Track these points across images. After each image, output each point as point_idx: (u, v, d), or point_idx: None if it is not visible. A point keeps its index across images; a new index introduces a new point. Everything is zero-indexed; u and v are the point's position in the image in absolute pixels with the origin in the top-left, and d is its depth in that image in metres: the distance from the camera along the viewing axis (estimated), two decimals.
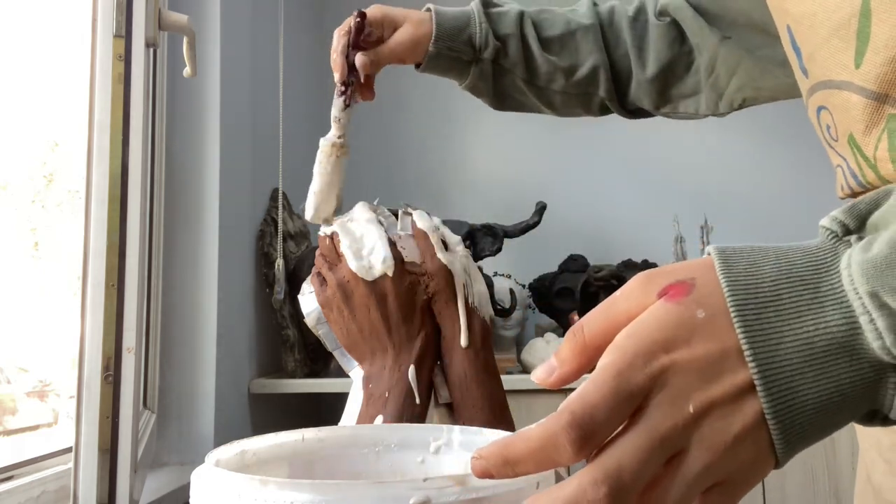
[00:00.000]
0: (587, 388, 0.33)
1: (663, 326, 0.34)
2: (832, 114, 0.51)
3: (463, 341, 0.71)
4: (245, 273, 1.58)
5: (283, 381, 1.61)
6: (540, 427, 0.34)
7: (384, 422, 0.66)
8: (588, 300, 1.79)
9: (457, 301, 0.71)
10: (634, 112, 0.88)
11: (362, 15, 0.78)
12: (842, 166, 0.53)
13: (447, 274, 0.71)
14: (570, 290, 1.85)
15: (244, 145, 1.55)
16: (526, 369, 1.70)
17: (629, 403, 0.33)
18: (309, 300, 0.74)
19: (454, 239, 0.76)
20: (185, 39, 1.07)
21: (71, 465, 0.87)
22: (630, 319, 0.35)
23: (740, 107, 0.84)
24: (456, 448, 0.56)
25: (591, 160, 2.25)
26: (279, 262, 1.57)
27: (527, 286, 1.97)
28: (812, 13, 0.49)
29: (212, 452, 0.47)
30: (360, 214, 0.75)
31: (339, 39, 0.78)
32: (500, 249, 1.73)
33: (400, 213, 0.77)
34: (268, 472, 0.51)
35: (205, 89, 1.41)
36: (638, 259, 1.98)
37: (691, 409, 0.33)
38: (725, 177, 2.20)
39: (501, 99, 0.87)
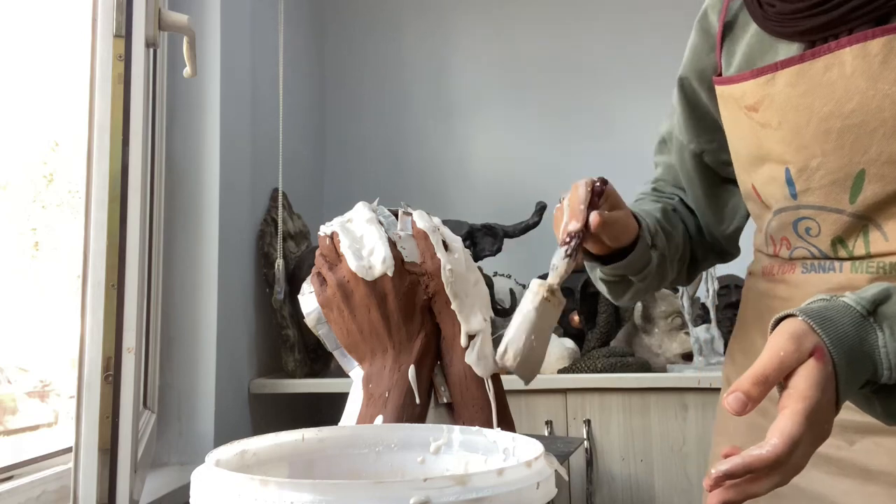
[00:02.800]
0: (792, 429, 0.50)
1: (819, 384, 0.52)
2: (819, 224, 0.76)
3: (463, 341, 0.71)
4: (245, 273, 1.58)
5: (283, 381, 1.61)
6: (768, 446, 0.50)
7: (384, 422, 0.66)
8: (588, 300, 1.79)
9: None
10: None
11: (605, 181, 0.82)
12: (804, 248, 0.79)
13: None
14: (570, 290, 1.84)
15: (244, 145, 1.55)
16: None
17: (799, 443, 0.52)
18: (309, 300, 0.74)
19: (454, 239, 0.76)
20: (185, 39, 1.07)
21: (71, 465, 0.87)
22: (793, 365, 0.53)
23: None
24: (456, 448, 0.56)
25: (591, 160, 2.25)
26: (279, 262, 1.57)
27: (527, 286, 1.96)
28: (815, 169, 0.74)
29: (212, 452, 0.47)
30: (360, 214, 0.75)
31: (584, 190, 0.78)
32: (500, 249, 1.73)
33: (400, 213, 0.77)
34: (268, 472, 0.51)
35: (205, 89, 1.41)
36: None
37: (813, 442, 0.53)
38: None
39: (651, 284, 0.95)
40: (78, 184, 0.96)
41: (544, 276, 0.75)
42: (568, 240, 0.76)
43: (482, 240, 1.72)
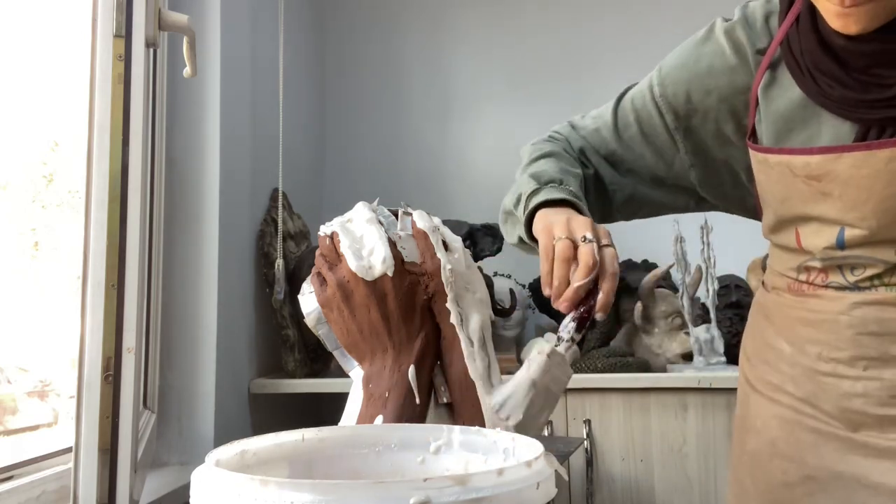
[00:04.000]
0: None
1: None
2: (865, 267, 0.79)
3: (463, 342, 0.71)
4: (245, 273, 1.58)
5: (283, 381, 1.61)
6: None
7: (384, 422, 0.66)
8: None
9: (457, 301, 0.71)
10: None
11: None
12: (845, 280, 0.81)
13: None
14: None
15: (244, 145, 1.55)
16: None
17: None
18: (309, 300, 0.74)
19: (454, 239, 0.76)
20: (185, 39, 1.07)
21: (71, 465, 0.87)
22: None
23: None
24: (456, 448, 0.56)
25: None
26: (279, 262, 1.57)
27: (527, 286, 1.97)
28: (870, 234, 0.78)
29: (212, 452, 0.47)
30: (360, 214, 0.75)
31: (593, 259, 0.72)
32: (500, 249, 1.73)
33: (400, 213, 0.76)
34: (268, 472, 0.51)
35: (205, 89, 1.41)
36: (638, 259, 1.97)
37: None
38: None
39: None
40: (78, 184, 0.96)
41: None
42: (585, 314, 0.73)
43: (482, 240, 1.72)
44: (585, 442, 1.54)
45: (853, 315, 0.79)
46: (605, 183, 0.98)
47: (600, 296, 0.72)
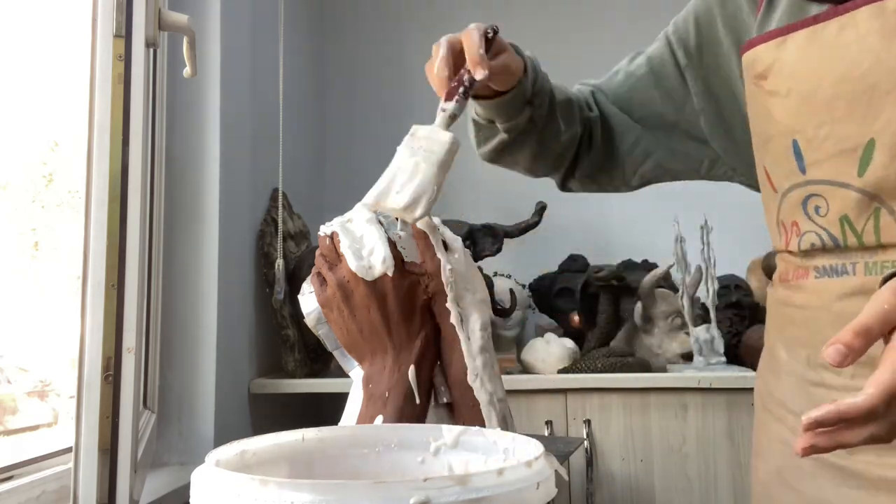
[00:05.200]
0: (890, 380, 0.48)
1: None
2: (827, 200, 0.71)
3: (463, 342, 0.71)
4: (245, 273, 1.58)
5: (283, 381, 1.61)
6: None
7: (384, 422, 0.66)
8: (588, 300, 1.79)
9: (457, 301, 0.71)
10: (565, 187, 1.05)
11: (496, 30, 0.84)
12: (814, 232, 0.73)
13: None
14: (570, 291, 1.84)
15: (244, 145, 1.55)
16: (526, 369, 1.70)
17: None
18: (309, 300, 0.74)
19: (454, 239, 0.76)
20: (185, 39, 1.07)
21: (71, 465, 0.87)
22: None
23: (648, 182, 1.05)
24: (456, 448, 0.56)
25: None
26: (279, 262, 1.57)
27: (527, 286, 1.97)
28: (824, 138, 0.69)
29: (212, 452, 0.47)
30: (360, 215, 0.75)
31: (479, 36, 0.80)
32: (500, 249, 1.73)
33: None
34: (268, 472, 0.51)
35: (205, 89, 1.41)
36: (638, 259, 1.97)
37: None
38: None
39: (514, 148, 0.95)
40: (78, 184, 0.96)
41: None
42: (460, 86, 0.77)
43: (482, 240, 1.72)
44: (585, 442, 1.54)
45: (834, 310, 0.71)
46: (612, 125, 0.97)
47: (467, 63, 0.77)
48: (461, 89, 0.77)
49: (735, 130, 0.89)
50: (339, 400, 0.80)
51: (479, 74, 0.76)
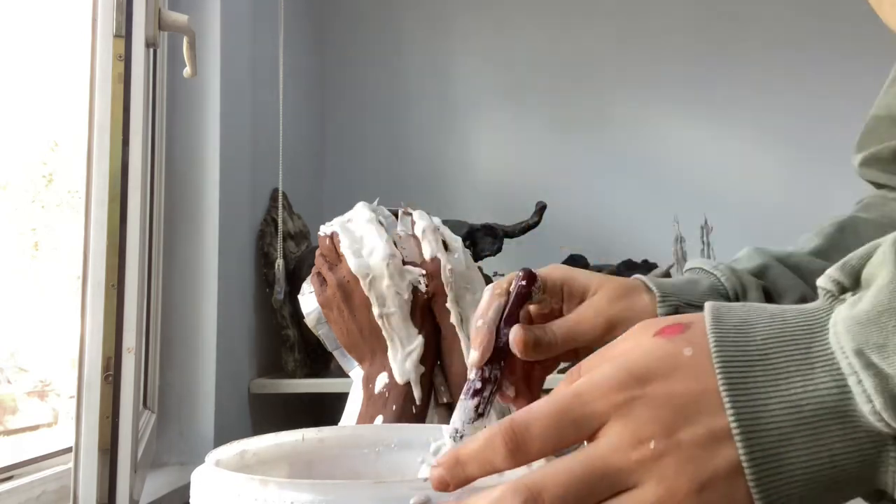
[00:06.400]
0: (539, 401, 0.33)
1: (646, 357, 0.33)
2: None
3: (462, 342, 0.71)
4: (245, 273, 1.58)
5: (283, 381, 1.61)
6: (488, 429, 0.34)
7: (384, 422, 0.66)
8: None
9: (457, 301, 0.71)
10: None
11: (530, 277, 0.52)
12: None
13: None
14: None
15: (244, 145, 1.55)
16: None
17: (575, 426, 0.33)
18: (309, 300, 0.74)
19: (454, 238, 0.76)
20: (185, 39, 1.07)
21: (71, 465, 0.87)
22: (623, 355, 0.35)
23: None
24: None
25: (591, 160, 2.25)
26: (279, 262, 1.57)
27: None
28: None
29: (212, 452, 0.47)
30: (360, 215, 0.75)
31: (489, 301, 0.52)
32: (500, 249, 1.73)
33: (400, 213, 0.77)
34: (268, 472, 0.51)
35: (205, 89, 1.41)
36: (638, 259, 1.97)
37: (652, 446, 0.31)
38: (725, 177, 2.20)
39: None
40: (78, 184, 0.96)
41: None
42: (479, 384, 0.48)
43: (482, 240, 1.72)
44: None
45: None
46: None
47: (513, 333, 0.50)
48: (483, 387, 0.48)
49: None
50: (339, 400, 0.80)
51: (473, 357, 0.50)
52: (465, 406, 0.48)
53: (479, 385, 0.48)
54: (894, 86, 0.71)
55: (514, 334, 0.50)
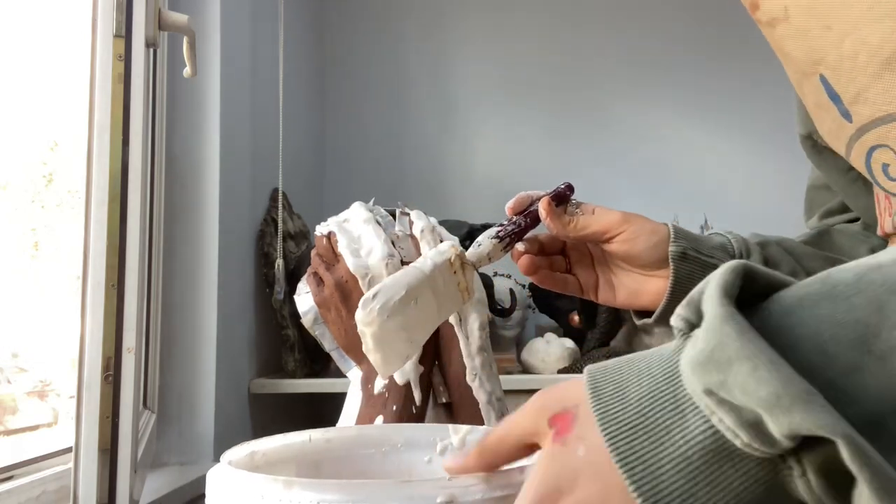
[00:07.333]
0: None
1: (550, 474, 0.35)
2: (894, 149, 0.50)
3: (461, 341, 0.71)
4: (245, 273, 1.58)
5: (283, 381, 1.61)
6: None
7: (384, 422, 0.66)
8: (588, 300, 1.79)
9: None
10: None
11: (571, 187, 0.68)
12: None
13: None
14: None
15: (244, 145, 1.55)
16: (526, 369, 1.70)
17: None
18: (305, 300, 0.74)
19: (451, 239, 0.76)
20: (185, 39, 1.07)
21: (71, 465, 0.87)
22: (522, 444, 0.38)
23: None
24: (463, 447, 0.56)
25: (591, 160, 2.25)
26: (279, 262, 1.57)
27: (527, 286, 1.97)
28: (852, 55, 0.49)
29: (226, 453, 0.47)
30: (357, 214, 0.75)
31: (533, 192, 0.67)
32: None
33: (397, 212, 0.77)
34: (277, 473, 0.51)
35: (205, 89, 1.41)
36: None
37: None
38: (725, 177, 2.20)
39: None
40: (78, 184, 0.96)
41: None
42: (505, 221, 0.65)
43: None
44: None
45: None
46: None
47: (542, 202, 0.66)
48: (509, 226, 0.65)
49: None
50: (338, 400, 0.80)
51: (509, 204, 0.66)
52: (489, 231, 0.64)
53: (504, 222, 0.65)
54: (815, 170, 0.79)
55: (542, 202, 0.66)
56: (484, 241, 0.63)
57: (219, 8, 1.43)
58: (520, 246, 0.66)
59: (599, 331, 1.74)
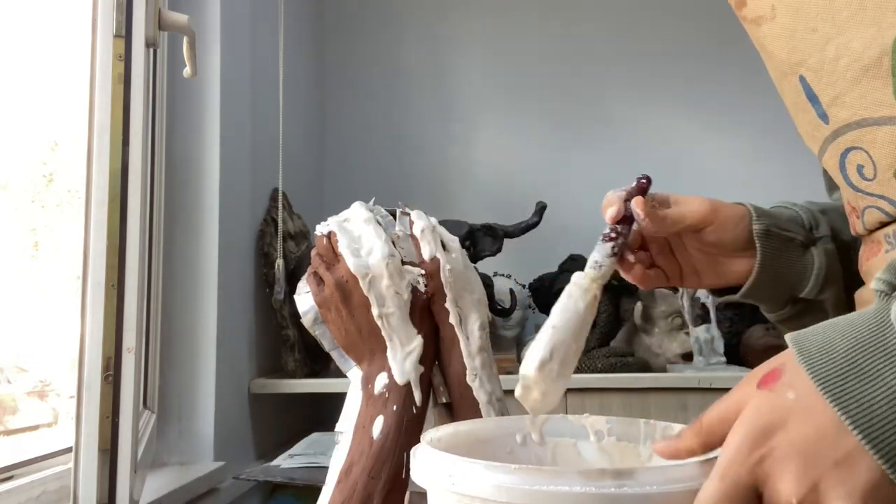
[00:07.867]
0: (704, 489, 0.38)
1: (759, 415, 0.38)
2: (869, 152, 0.51)
3: (461, 341, 0.71)
4: (245, 273, 1.58)
5: (283, 381, 1.61)
6: None
7: (385, 422, 0.66)
8: None
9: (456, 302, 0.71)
10: None
11: (649, 179, 0.66)
12: (874, 206, 0.54)
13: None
14: None
15: (244, 145, 1.55)
16: None
17: (740, 497, 0.37)
18: (305, 300, 0.74)
19: (451, 239, 0.76)
20: (185, 39, 1.07)
21: (71, 465, 0.87)
22: (739, 409, 0.39)
23: None
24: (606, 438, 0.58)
25: (591, 160, 2.25)
26: (279, 262, 1.57)
27: (527, 286, 1.97)
28: (834, 59, 0.50)
29: (426, 433, 0.52)
30: (357, 214, 0.75)
31: (615, 191, 0.65)
32: (500, 249, 1.73)
33: (398, 212, 0.77)
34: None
35: (205, 89, 1.41)
36: None
37: (808, 484, 0.35)
38: (725, 177, 2.20)
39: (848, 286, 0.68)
40: (78, 184, 0.96)
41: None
42: (613, 234, 0.61)
43: (482, 240, 1.72)
44: None
45: None
46: None
47: (634, 202, 0.63)
48: (619, 238, 0.62)
49: None
50: (338, 400, 0.80)
51: (610, 213, 0.63)
52: (602, 247, 0.61)
53: (612, 234, 0.62)
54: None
55: (636, 201, 0.63)
56: (603, 261, 0.60)
57: (219, 8, 1.43)
58: (630, 258, 0.66)
59: (599, 331, 1.74)
